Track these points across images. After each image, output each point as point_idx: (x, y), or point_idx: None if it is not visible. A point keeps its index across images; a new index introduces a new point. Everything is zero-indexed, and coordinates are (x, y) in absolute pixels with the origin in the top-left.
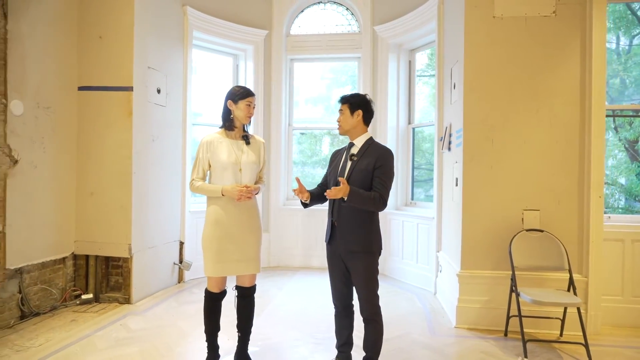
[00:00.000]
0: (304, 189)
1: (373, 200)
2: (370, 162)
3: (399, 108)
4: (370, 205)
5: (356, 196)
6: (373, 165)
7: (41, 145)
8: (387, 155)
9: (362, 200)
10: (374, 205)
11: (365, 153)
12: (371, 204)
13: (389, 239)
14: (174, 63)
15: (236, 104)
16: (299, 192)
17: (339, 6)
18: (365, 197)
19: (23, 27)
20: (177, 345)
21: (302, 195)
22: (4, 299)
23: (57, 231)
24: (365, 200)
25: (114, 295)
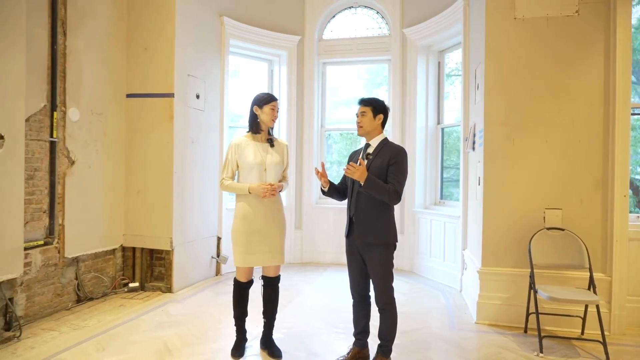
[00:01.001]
0: (324, 173)
1: (388, 191)
2: (384, 160)
3: (428, 108)
4: (384, 195)
5: (373, 183)
6: (387, 162)
7: (94, 147)
8: (400, 153)
9: (377, 188)
10: (389, 196)
11: (381, 152)
12: (385, 194)
13: (417, 237)
14: (211, 70)
15: (261, 108)
16: (321, 175)
17: (370, 10)
18: (381, 186)
19: (80, 42)
20: (210, 329)
21: (322, 178)
22: (64, 284)
23: (108, 225)
24: (381, 189)
25: (157, 285)
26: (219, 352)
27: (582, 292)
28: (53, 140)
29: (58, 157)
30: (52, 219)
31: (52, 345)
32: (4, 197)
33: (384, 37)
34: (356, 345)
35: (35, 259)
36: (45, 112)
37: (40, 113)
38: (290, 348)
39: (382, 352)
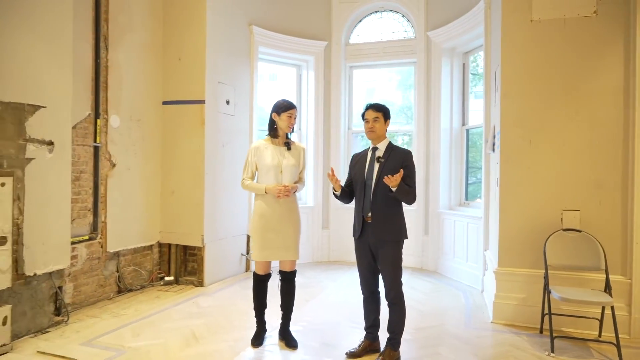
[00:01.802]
0: (336, 177)
1: (411, 194)
2: (397, 163)
3: (453, 110)
4: (409, 197)
5: (403, 188)
6: (400, 166)
7: (133, 151)
8: (410, 156)
9: (405, 193)
10: (410, 197)
11: (391, 155)
12: (409, 196)
13: (441, 238)
14: (241, 76)
15: (279, 115)
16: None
17: (395, 14)
18: (408, 191)
19: (120, 55)
20: (235, 320)
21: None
22: (106, 276)
23: (145, 223)
24: (409, 192)
25: (190, 279)
26: (240, 341)
27: (596, 293)
28: (96, 145)
29: (101, 160)
30: (95, 216)
31: (94, 329)
32: (54, 196)
33: (409, 40)
34: (367, 339)
35: (81, 252)
36: (89, 119)
37: (85, 120)
38: (307, 339)
39: (391, 344)
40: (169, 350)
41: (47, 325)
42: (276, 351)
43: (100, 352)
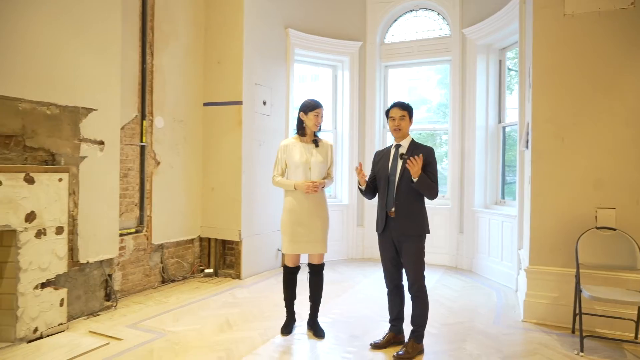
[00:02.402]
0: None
1: (433, 188)
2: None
3: (489, 107)
4: (430, 190)
5: (424, 180)
6: (424, 162)
7: (176, 150)
8: (432, 152)
9: (427, 185)
10: (433, 192)
11: (414, 152)
12: (431, 190)
13: (476, 236)
14: (277, 78)
15: (306, 114)
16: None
17: (430, 12)
18: (429, 183)
19: (164, 61)
20: (267, 311)
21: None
22: (151, 267)
23: (187, 217)
24: (430, 186)
25: (228, 272)
26: (270, 329)
27: (630, 293)
28: (143, 144)
29: (146, 159)
30: (141, 211)
31: (139, 314)
32: (104, 192)
33: (444, 38)
34: (391, 331)
35: (128, 244)
36: (136, 121)
37: (133, 122)
38: (335, 330)
39: (414, 337)
40: (204, 334)
41: (98, 309)
42: (304, 340)
43: (143, 334)
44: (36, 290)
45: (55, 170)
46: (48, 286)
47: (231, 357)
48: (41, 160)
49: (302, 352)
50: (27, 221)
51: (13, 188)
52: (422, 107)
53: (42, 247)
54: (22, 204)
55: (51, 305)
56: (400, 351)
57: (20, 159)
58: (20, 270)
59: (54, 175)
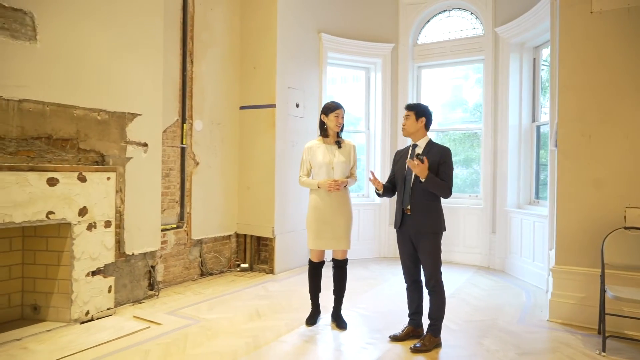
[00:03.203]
0: (377, 180)
1: (444, 187)
2: (435, 159)
3: (522, 106)
4: (441, 189)
5: (432, 179)
6: (438, 162)
7: (214, 151)
8: (448, 153)
9: (436, 184)
10: (444, 191)
11: (430, 152)
12: (441, 189)
13: (509, 236)
14: (310, 81)
15: (327, 116)
16: (374, 181)
17: (464, 11)
18: (439, 182)
19: (202, 67)
20: (295, 303)
21: (376, 183)
22: (191, 260)
23: (224, 215)
24: (441, 185)
25: (262, 267)
26: (296, 320)
27: None
28: (183, 146)
29: (187, 159)
30: (182, 208)
31: (178, 303)
32: (148, 190)
33: (477, 37)
34: (410, 324)
35: (170, 238)
36: (177, 124)
37: (174, 125)
38: (358, 323)
39: (431, 331)
40: (235, 322)
41: (142, 297)
42: (326, 330)
43: (180, 320)
44: (88, 277)
45: (104, 170)
46: (98, 274)
47: (257, 343)
48: (92, 161)
49: (323, 341)
50: (80, 215)
51: (68, 186)
52: (460, 107)
53: (92, 239)
54: (75, 200)
55: (100, 292)
56: (418, 344)
57: (74, 159)
58: (74, 258)
59: (103, 174)
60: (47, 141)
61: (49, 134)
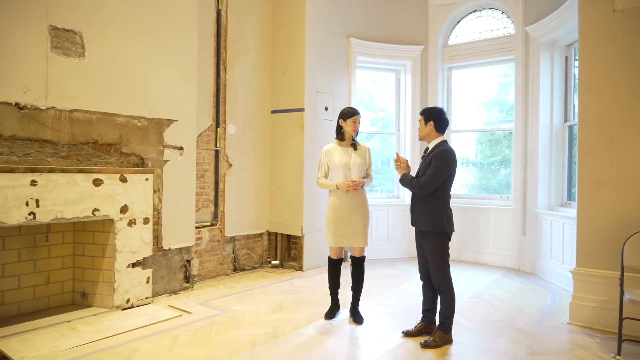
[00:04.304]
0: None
1: (411, 183)
2: (429, 159)
3: (553, 106)
4: (409, 186)
5: (404, 177)
6: (429, 162)
7: (247, 153)
8: (441, 154)
9: (405, 180)
10: (412, 187)
11: (432, 153)
12: (410, 185)
13: (539, 239)
14: (339, 84)
15: (345, 121)
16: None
17: (494, 11)
18: (406, 180)
19: (235, 75)
20: (318, 298)
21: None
22: (224, 256)
23: (256, 213)
24: (406, 181)
25: (292, 264)
26: (316, 314)
27: None
28: (217, 149)
29: (220, 161)
30: (216, 206)
31: (210, 295)
32: (183, 190)
33: (508, 37)
34: (423, 321)
35: (204, 235)
36: (211, 128)
37: (208, 129)
38: (376, 319)
39: (441, 328)
40: (259, 314)
41: (177, 289)
42: (343, 324)
43: (209, 310)
44: (128, 269)
45: (143, 172)
46: (137, 266)
47: (276, 333)
48: (133, 163)
49: (338, 334)
50: (122, 212)
51: (111, 186)
52: (496, 107)
53: (132, 234)
54: (117, 198)
55: (139, 282)
56: (428, 339)
57: (117, 162)
58: (116, 251)
59: (142, 175)
60: (93, 146)
61: (96, 140)
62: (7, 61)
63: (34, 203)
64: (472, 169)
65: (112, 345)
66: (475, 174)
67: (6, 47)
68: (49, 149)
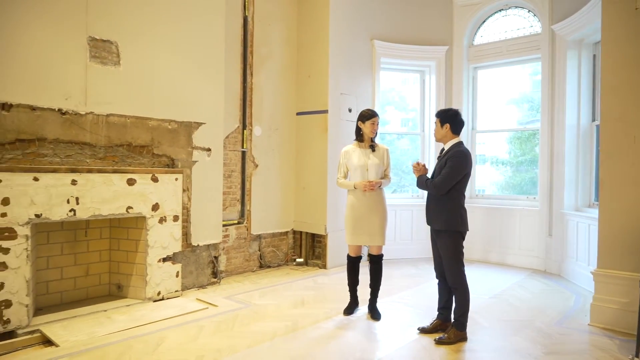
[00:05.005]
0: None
1: (425, 184)
2: (444, 160)
3: (581, 105)
4: (424, 187)
5: (420, 178)
6: (445, 163)
7: (272, 154)
8: (456, 155)
9: (421, 182)
10: (427, 187)
11: (447, 155)
12: (425, 186)
13: (565, 240)
14: (363, 86)
15: (364, 123)
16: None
17: (521, 9)
18: (421, 181)
19: (261, 79)
20: (339, 295)
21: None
22: (251, 253)
23: (282, 212)
24: (422, 183)
25: (316, 262)
26: (335, 309)
27: None
28: (243, 150)
29: (247, 162)
30: (242, 205)
31: (236, 290)
32: (211, 190)
33: (534, 36)
34: (438, 318)
35: (231, 233)
36: (238, 130)
37: (235, 131)
38: (393, 316)
39: (455, 325)
40: (280, 308)
41: (205, 283)
42: (361, 320)
43: (234, 304)
44: (159, 263)
45: (173, 172)
46: (167, 261)
47: (296, 326)
48: (164, 164)
49: (355, 329)
50: (153, 210)
51: (144, 185)
52: (524, 106)
53: (163, 231)
54: (149, 197)
55: (169, 276)
56: (442, 336)
57: (149, 163)
58: (148, 247)
59: (172, 175)
60: (128, 148)
61: (129, 142)
62: (51, 71)
63: (74, 201)
64: (502, 168)
65: (143, 333)
66: (505, 173)
67: (51, 58)
68: (88, 151)
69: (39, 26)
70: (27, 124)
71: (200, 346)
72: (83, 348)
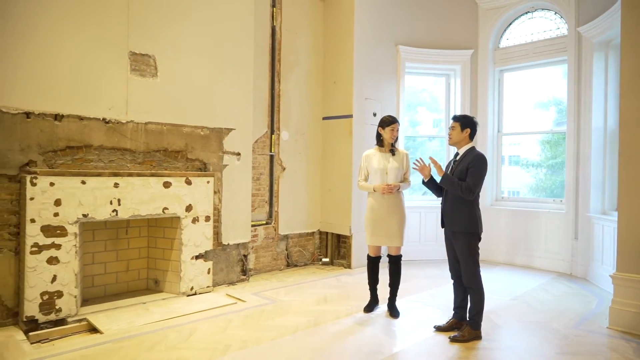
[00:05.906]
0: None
1: (459, 186)
2: (465, 164)
3: (607, 107)
4: (457, 189)
5: (447, 179)
6: (467, 167)
7: (299, 157)
8: (478, 159)
9: (451, 183)
10: (460, 190)
11: (464, 158)
12: (458, 188)
13: (591, 243)
14: (388, 91)
15: (384, 129)
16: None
17: (547, 12)
18: (454, 182)
19: (289, 85)
20: (360, 293)
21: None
22: (278, 252)
23: (308, 214)
24: (454, 184)
25: (341, 262)
26: (356, 307)
27: None
28: (271, 154)
29: (275, 165)
30: (270, 207)
31: (263, 287)
32: (240, 191)
33: (560, 38)
34: (454, 317)
35: (260, 232)
36: (266, 135)
37: (264, 136)
38: (412, 315)
39: (469, 324)
40: (304, 304)
41: (235, 280)
42: (380, 317)
43: (260, 299)
44: (192, 260)
45: (205, 175)
46: (200, 258)
47: (317, 322)
48: (197, 168)
49: (373, 325)
50: (187, 211)
51: (178, 188)
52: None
53: (196, 230)
54: (183, 199)
55: (202, 272)
56: (457, 334)
57: (183, 167)
58: (182, 245)
59: (204, 178)
60: (164, 153)
61: (165, 148)
62: (96, 84)
63: (116, 202)
64: (534, 170)
65: (177, 324)
66: (537, 176)
67: (96, 72)
68: (128, 156)
69: (86, 44)
70: (75, 132)
71: (228, 337)
72: (124, 335)
